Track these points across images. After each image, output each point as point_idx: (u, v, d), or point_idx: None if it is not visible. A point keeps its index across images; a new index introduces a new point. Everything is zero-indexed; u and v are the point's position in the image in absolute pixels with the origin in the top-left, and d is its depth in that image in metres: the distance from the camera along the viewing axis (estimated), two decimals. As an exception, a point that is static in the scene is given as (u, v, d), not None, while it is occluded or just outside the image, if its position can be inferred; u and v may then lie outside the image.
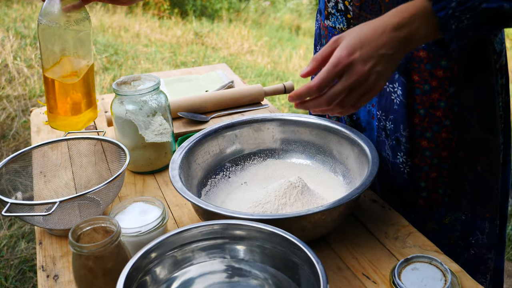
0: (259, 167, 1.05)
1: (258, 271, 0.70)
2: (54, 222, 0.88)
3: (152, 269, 0.66)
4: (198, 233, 0.69)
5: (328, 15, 1.00)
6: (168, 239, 0.67)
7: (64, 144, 1.03)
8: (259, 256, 0.70)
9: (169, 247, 0.68)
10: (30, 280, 1.96)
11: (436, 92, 0.92)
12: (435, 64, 0.90)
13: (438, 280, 0.73)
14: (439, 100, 0.92)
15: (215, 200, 0.96)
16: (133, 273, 0.62)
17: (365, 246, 0.85)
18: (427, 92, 0.92)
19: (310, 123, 1.03)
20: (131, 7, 6.07)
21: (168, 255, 0.68)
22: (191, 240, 0.69)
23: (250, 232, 0.69)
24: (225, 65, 1.69)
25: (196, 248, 0.70)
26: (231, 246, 0.70)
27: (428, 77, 0.91)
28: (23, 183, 0.97)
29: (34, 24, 4.62)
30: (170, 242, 0.68)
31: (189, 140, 0.98)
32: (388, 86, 0.95)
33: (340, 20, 0.98)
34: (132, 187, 1.04)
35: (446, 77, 0.91)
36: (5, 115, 3.20)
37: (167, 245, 0.68)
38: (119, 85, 1.04)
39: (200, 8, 6.44)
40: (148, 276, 0.66)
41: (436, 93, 0.92)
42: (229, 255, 0.70)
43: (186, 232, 0.69)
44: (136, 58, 4.38)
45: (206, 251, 0.70)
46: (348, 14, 0.95)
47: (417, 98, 0.93)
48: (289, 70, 4.80)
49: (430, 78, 0.91)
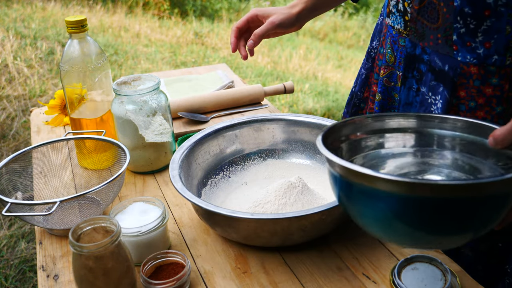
0: (259, 167, 1.05)
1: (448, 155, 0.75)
2: (54, 222, 0.88)
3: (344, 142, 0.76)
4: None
5: (389, 13, 0.98)
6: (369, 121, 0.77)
7: (64, 144, 1.04)
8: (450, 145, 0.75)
9: (366, 128, 0.77)
10: (30, 280, 1.96)
11: (482, 110, 0.87)
12: (484, 81, 0.85)
13: (438, 280, 0.73)
14: (484, 119, 0.87)
15: (215, 200, 0.96)
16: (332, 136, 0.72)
17: (365, 246, 0.85)
18: (472, 109, 0.87)
19: (310, 123, 1.03)
20: (131, 7, 6.07)
21: (364, 137, 0.77)
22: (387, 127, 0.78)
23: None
24: (225, 65, 1.69)
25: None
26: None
27: (475, 94, 0.86)
28: (23, 183, 0.97)
29: (34, 24, 4.63)
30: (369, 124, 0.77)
31: (189, 140, 0.98)
32: (431, 97, 0.91)
33: (398, 21, 0.95)
34: (132, 187, 1.04)
35: (495, 95, 0.85)
36: (5, 115, 3.20)
37: (365, 127, 0.77)
38: (119, 85, 1.04)
39: (200, 8, 6.44)
40: (344, 144, 0.75)
41: (481, 111, 0.87)
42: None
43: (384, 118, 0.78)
44: (136, 58, 4.38)
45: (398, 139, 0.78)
46: (406, 16, 0.92)
47: (461, 114, 0.88)
48: (289, 70, 4.80)
49: (477, 95, 0.86)
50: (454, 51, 0.85)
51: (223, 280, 0.79)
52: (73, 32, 1.01)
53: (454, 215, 0.56)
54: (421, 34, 0.90)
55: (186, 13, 6.28)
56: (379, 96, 1.02)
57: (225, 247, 0.86)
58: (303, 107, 3.80)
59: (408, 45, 0.94)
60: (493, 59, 0.83)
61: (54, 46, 4.19)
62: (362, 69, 1.14)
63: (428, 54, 0.90)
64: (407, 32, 0.93)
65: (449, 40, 0.86)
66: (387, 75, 1.00)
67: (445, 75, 0.88)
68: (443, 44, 0.87)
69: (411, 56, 0.94)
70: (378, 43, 1.08)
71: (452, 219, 0.56)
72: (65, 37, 4.41)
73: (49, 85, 3.63)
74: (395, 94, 1.00)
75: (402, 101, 0.98)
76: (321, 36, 6.31)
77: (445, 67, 0.88)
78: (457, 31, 0.84)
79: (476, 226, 0.59)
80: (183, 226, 0.92)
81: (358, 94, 1.15)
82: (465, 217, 0.56)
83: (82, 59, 1.02)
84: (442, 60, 0.88)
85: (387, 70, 1.00)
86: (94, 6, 5.78)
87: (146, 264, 0.77)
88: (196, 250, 0.86)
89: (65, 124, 1.30)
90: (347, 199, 0.64)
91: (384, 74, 1.01)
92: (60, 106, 1.26)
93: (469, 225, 0.58)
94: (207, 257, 0.84)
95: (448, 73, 0.87)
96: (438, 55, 0.88)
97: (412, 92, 0.96)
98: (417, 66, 0.94)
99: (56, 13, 5.19)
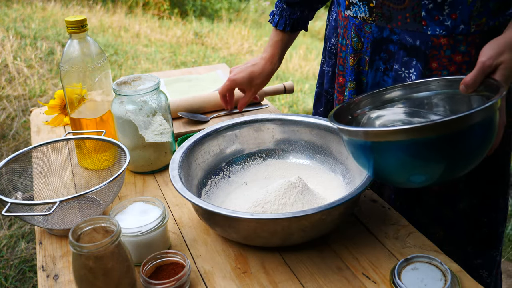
0: (259, 167, 1.05)
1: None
2: (54, 222, 0.88)
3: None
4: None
5: (349, 5, 1.02)
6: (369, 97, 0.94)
7: (64, 144, 1.04)
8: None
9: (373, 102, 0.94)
10: (30, 280, 1.95)
11: None
12: (454, 50, 0.92)
13: (438, 280, 0.73)
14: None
15: (215, 200, 0.96)
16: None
17: (365, 246, 0.85)
18: None
19: (310, 123, 1.03)
20: (131, 7, 6.07)
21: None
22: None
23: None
24: (225, 65, 1.69)
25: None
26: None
27: (447, 63, 0.93)
28: (23, 183, 0.97)
29: (34, 24, 4.63)
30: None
31: (189, 140, 0.98)
32: (404, 71, 0.97)
33: (362, 10, 0.99)
34: (132, 187, 1.04)
35: (465, 61, 0.92)
36: (5, 115, 3.20)
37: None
38: (119, 85, 1.04)
39: (200, 8, 6.44)
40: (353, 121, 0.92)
41: None
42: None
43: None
44: (136, 58, 4.38)
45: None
46: (371, 3, 0.97)
47: None
48: (289, 70, 4.80)
49: (449, 64, 0.93)
50: (424, 26, 0.92)
51: (223, 280, 0.79)
52: (73, 32, 1.01)
53: (459, 144, 0.70)
54: (388, 17, 0.95)
55: (186, 13, 6.28)
56: (353, 84, 1.07)
57: (225, 247, 0.86)
58: (303, 107, 3.80)
59: (374, 30, 0.99)
60: (460, 29, 0.90)
61: (54, 46, 4.19)
62: (326, 67, 1.18)
63: (397, 34, 0.96)
64: (373, 18, 0.98)
65: (417, 17, 0.92)
66: (357, 62, 1.05)
67: (417, 50, 0.94)
68: (411, 22, 0.93)
69: (378, 40, 0.99)
70: (336, 39, 1.12)
71: (456, 148, 0.70)
72: (65, 37, 4.41)
73: (49, 85, 3.63)
74: (363, 78, 1.06)
75: (370, 83, 1.04)
76: (321, 36, 6.31)
77: (416, 42, 0.93)
78: (425, 7, 0.90)
79: (477, 147, 0.73)
80: (183, 226, 0.92)
81: (329, 91, 1.19)
82: (465, 144, 0.70)
83: (82, 59, 1.02)
84: (412, 37, 0.94)
85: (356, 57, 1.05)
86: (94, 6, 5.77)
87: (146, 264, 0.77)
88: (196, 250, 0.86)
89: (65, 124, 1.30)
90: (377, 160, 0.76)
91: (354, 62, 1.05)
92: (60, 106, 1.26)
93: (470, 150, 0.72)
94: (207, 257, 0.84)
95: (420, 48, 0.93)
96: (407, 32, 0.94)
97: (379, 73, 1.02)
98: (384, 48, 0.99)
99: (56, 13, 5.19)
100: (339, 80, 1.11)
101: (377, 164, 0.77)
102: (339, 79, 1.11)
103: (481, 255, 1.08)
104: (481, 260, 1.08)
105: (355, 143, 0.78)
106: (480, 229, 1.06)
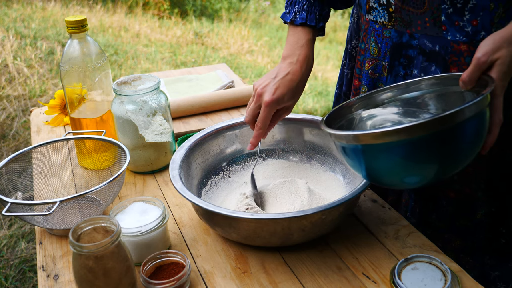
0: (259, 167, 1.05)
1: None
2: (54, 222, 0.88)
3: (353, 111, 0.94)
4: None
5: (369, 9, 1.01)
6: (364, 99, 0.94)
7: (64, 144, 1.04)
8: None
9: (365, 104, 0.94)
10: (30, 280, 1.96)
11: None
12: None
13: (438, 280, 0.73)
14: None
15: (215, 200, 0.96)
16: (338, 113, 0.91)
17: (365, 246, 0.85)
18: None
19: (310, 123, 1.03)
20: (131, 7, 6.07)
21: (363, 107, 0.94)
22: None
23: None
24: (225, 65, 1.69)
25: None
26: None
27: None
28: (23, 183, 0.97)
29: (34, 24, 4.63)
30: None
31: (189, 140, 0.98)
32: (423, 77, 0.95)
33: (381, 14, 0.98)
34: (132, 187, 1.04)
35: None
36: (5, 115, 3.20)
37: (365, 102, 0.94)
38: (119, 85, 1.04)
39: (200, 8, 6.44)
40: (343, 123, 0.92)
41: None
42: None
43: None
44: (136, 58, 4.38)
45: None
46: (390, 8, 0.96)
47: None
48: (289, 70, 4.79)
49: None
50: (444, 31, 0.90)
51: (223, 280, 0.79)
52: (73, 32, 1.01)
53: (452, 142, 0.69)
54: (408, 21, 0.94)
55: (186, 13, 6.28)
56: (365, 88, 1.06)
57: (225, 247, 0.86)
58: (303, 107, 3.80)
59: (394, 35, 0.97)
60: (480, 35, 0.87)
61: (54, 46, 4.19)
62: (345, 70, 1.18)
63: (416, 39, 0.94)
64: (392, 23, 0.96)
65: (437, 22, 0.90)
66: (371, 68, 1.04)
67: (436, 55, 0.92)
68: (431, 26, 0.91)
69: (398, 45, 0.98)
70: (357, 41, 1.11)
71: (448, 146, 0.70)
72: (65, 37, 4.41)
73: (49, 85, 3.63)
74: (380, 84, 1.05)
75: None
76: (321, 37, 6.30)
77: (436, 47, 0.92)
78: (445, 12, 0.88)
79: (470, 143, 0.72)
80: (183, 226, 0.92)
81: (347, 93, 1.18)
82: (457, 141, 0.70)
83: (82, 59, 1.02)
84: (432, 42, 0.92)
85: (371, 62, 1.04)
86: (94, 6, 5.77)
87: (146, 264, 0.77)
88: (196, 250, 0.86)
89: (65, 124, 1.30)
90: (369, 163, 0.75)
91: (369, 67, 1.04)
92: (60, 106, 1.26)
93: (462, 146, 0.71)
94: (207, 257, 0.84)
95: (439, 53, 0.92)
96: (427, 37, 0.92)
97: (399, 78, 1.01)
98: (404, 53, 0.98)
99: (56, 13, 5.19)
100: (355, 82, 1.10)
101: (369, 167, 0.76)
102: (355, 81, 1.10)
103: (498, 267, 1.05)
104: (499, 272, 1.05)
105: (346, 147, 0.77)
106: (498, 239, 1.02)
